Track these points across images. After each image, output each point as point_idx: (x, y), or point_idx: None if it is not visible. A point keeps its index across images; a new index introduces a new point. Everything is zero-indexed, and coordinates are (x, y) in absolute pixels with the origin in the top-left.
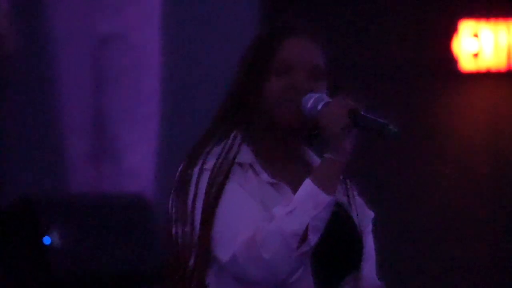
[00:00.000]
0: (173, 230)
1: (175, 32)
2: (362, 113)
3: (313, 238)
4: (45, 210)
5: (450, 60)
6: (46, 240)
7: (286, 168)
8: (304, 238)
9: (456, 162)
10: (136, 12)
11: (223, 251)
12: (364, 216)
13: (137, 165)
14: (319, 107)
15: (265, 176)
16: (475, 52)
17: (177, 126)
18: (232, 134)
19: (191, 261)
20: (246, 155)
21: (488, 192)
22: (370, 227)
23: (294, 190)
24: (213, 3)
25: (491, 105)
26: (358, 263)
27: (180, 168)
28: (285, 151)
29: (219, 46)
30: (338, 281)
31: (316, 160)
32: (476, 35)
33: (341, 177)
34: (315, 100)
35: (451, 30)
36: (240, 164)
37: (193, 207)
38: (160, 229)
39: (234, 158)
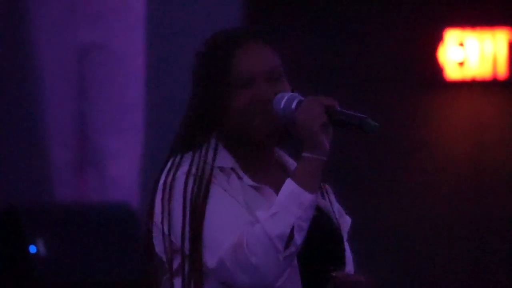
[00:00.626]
0: (156, 239)
1: (159, 41)
2: (338, 108)
3: (299, 238)
4: (30, 219)
5: (436, 69)
6: (32, 249)
7: (265, 172)
8: (290, 238)
9: (440, 169)
10: (119, 21)
11: (210, 257)
12: (343, 220)
13: (121, 173)
14: (293, 105)
15: (247, 180)
16: (460, 60)
17: (161, 134)
18: (211, 140)
19: (182, 270)
20: (226, 159)
21: (472, 199)
22: (346, 234)
23: (277, 192)
24: (197, 12)
25: (476, 113)
26: (342, 262)
27: (163, 177)
28: (262, 156)
29: None
30: (324, 282)
31: (289, 160)
32: (461, 44)
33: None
34: (287, 100)
35: (437, 38)
36: (221, 169)
37: (182, 214)
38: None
39: (213, 162)
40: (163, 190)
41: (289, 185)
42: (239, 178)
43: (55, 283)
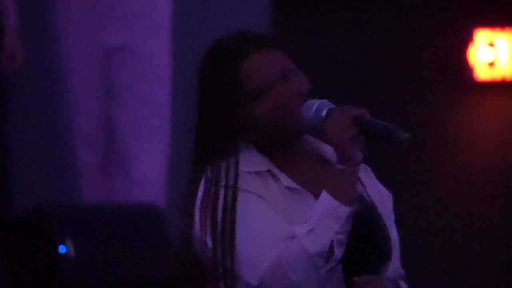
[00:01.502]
0: (193, 248)
1: (185, 42)
2: (368, 119)
3: (339, 252)
4: (59, 220)
5: (466, 69)
6: (62, 249)
7: (303, 171)
8: (330, 254)
9: (470, 171)
10: (145, 23)
11: (251, 275)
12: (384, 200)
13: (148, 175)
14: (323, 114)
15: (285, 179)
16: (490, 61)
17: (188, 136)
18: (241, 147)
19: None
20: (261, 162)
21: (503, 200)
22: (393, 215)
23: (314, 192)
24: (223, 13)
25: (506, 113)
26: (388, 256)
27: (199, 192)
28: (297, 154)
29: None
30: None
31: (326, 149)
32: (491, 44)
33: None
34: (317, 108)
35: (467, 39)
36: (258, 173)
37: (222, 225)
38: (171, 238)
39: (249, 168)
40: (201, 204)
41: (324, 199)
42: (276, 179)
43: (83, 284)
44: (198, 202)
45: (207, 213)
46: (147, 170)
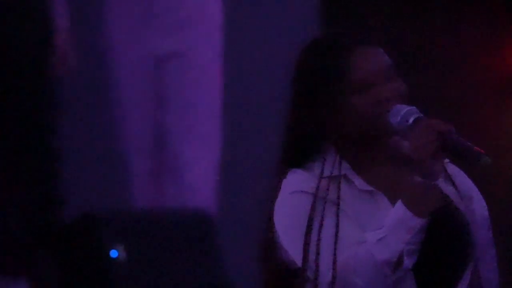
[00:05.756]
0: (279, 255)
1: (236, 48)
2: (453, 137)
3: (409, 262)
4: (110, 225)
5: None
6: (113, 253)
7: (380, 173)
8: (398, 263)
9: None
10: (196, 29)
11: (321, 277)
12: (476, 207)
13: (199, 180)
14: (410, 121)
15: (360, 183)
16: None
17: (238, 141)
18: (328, 150)
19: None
20: (338, 166)
21: None
22: (486, 212)
23: (390, 197)
24: (274, 20)
25: None
26: (466, 261)
27: (280, 194)
28: (376, 155)
29: (281, 63)
30: (448, 284)
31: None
32: None
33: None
34: (405, 114)
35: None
36: (332, 178)
37: (306, 237)
38: (222, 244)
39: (330, 175)
40: (279, 210)
41: (399, 209)
42: (351, 183)
43: None
44: (280, 207)
45: (294, 220)
46: (198, 176)
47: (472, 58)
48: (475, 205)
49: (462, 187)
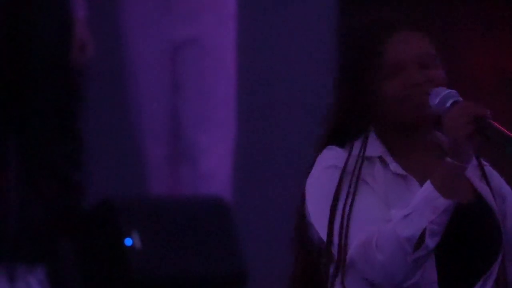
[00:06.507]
0: (309, 234)
1: (251, 36)
2: (489, 121)
3: (431, 242)
4: (126, 212)
5: None
6: (128, 241)
7: (416, 160)
8: (420, 242)
9: None
10: (211, 17)
11: (344, 253)
12: (505, 200)
13: (214, 167)
14: (448, 104)
15: (394, 167)
16: None
17: (253, 129)
18: (368, 130)
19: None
20: (376, 148)
21: None
22: None
23: (422, 183)
24: (289, 6)
25: None
26: (493, 258)
27: (313, 170)
28: (414, 143)
29: (295, 48)
30: (469, 284)
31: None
32: None
33: (474, 160)
34: (443, 97)
35: None
36: (368, 158)
37: (331, 210)
38: (237, 231)
39: (363, 154)
40: (311, 184)
41: (426, 187)
42: (386, 165)
43: (149, 276)
44: (311, 181)
45: (323, 193)
46: (213, 163)
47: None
48: (508, 206)
49: (496, 187)
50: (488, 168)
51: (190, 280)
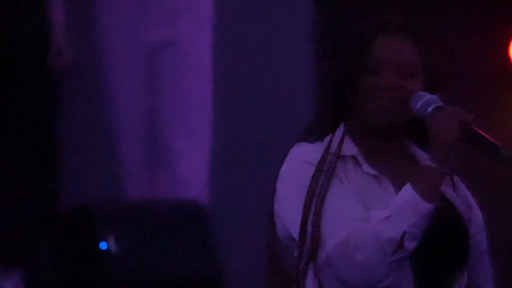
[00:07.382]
0: (278, 226)
1: (227, 39)
2: (474, 127)
3: (410, 245)
4: (102, 216)
5: (508, 66)
6: (103, 245)
7: (388, 162)
8: (400, 244)
9: None
10: (188, 20)
11: (319, 252)
12: (473, 215)
13: (191, 171)
14: (430, 109)
15: (366, 168)
16: None
17: (230, 132)
18: (340, 128)
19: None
20: (349, 147)
21: None
22: (481, 221)
23: (395, 184)
24: (265, 9)
25: None
26: (463, 262)
27: (284, 165)
28: (386, 145)
29: (272, 51)
30: (443, 283)
31: (420, 153)
32: None
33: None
34: (425, 102)
35: (509, 35)
36: (341, 157)
37: (306, 204)
38: (214, 235)
39: (338, 152)
40: (283, 178)
41: (407, 190)
42: (358, 165)
43: (125, 280)
44: (283, 175)
45: (295, 189)
46: (190, 166)
47: (472, 54)
48: (473, 215)
49: (462, 196)
50: (456, 178)
51: (166, 284)
